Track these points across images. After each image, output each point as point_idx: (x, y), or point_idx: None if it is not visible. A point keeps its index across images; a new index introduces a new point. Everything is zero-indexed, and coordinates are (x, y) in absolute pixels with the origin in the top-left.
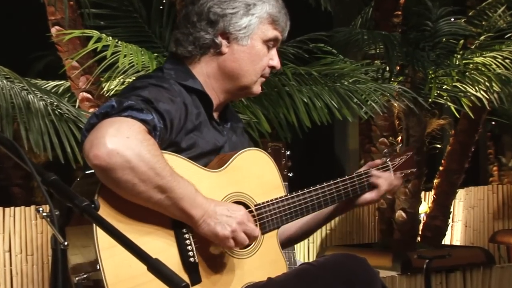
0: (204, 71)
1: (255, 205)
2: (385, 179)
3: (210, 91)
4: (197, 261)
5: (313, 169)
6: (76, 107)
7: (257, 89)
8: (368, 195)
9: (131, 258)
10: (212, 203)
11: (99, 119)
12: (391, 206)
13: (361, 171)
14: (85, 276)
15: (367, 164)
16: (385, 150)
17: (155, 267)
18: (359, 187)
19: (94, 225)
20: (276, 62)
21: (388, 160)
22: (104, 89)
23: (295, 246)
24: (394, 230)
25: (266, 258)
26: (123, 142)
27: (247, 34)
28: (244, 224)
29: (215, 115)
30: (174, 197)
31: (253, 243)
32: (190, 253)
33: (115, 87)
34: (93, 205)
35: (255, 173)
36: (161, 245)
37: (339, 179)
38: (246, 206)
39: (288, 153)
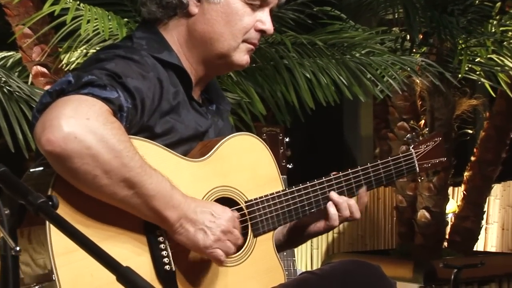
0: (175, 38)
1: (246, 202)
2: (342, 207)
3: (184, 63)
4: (174, 269)
5: (317, 159)
6: (29, 83)
7: (240, 58)
8: (320, 224)
9: (92, 265)
10: (192, 203)
11: (53, 97)
12: (412, 205)
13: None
14: None
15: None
16: (408, 135)
17: (126, 277)
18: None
19: (47, 226)
20: (267, 25)
21: (411, 147)
22: (63, 62)
23: (296, 252)
24: (416, 233)
25: (259, 266)
26: (82, 124)
27: None
28: (230, 233)
29: (195, 94)
30: (144, 194)
31: (243, 248)
32: (165, 260)
33: (76, 59)
34: (50, 202)
35: (247, 163)
36: (130, 251)
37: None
38: (235, 203)
39: (287, 140)
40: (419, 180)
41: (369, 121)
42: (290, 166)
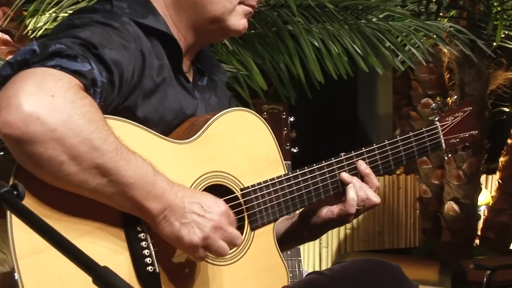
0: (160, 0)
1: (242, 189)
2: (356, 187)
3: (171, 29)
4: (157, 270)
5: (327, 142)
6: None
7: (236, 22)
8: (335, 208)
9: (62, 268)
10: (179, 192)
11: (14, 69)
12: (438, 196)
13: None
14: None
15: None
16: (433, 105)
17: (104, 279)
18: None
19: (9, 223)
20: None
21: (436, 119)
22: (29, 28)
23: (302, 252)
24: (442, 229)
25: (257, 264)
26: (45, 103)
27: None
28: (222, 230)
29: (184, 66)
30: (120, 181)
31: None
32: (148, 260)
33: (44, 25)
34: (15, 192)
35: (242, 144)
36: (105, 249)
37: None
38: (229, 191)
39: (292, 119)
40: (450, 157)
41: (388, 98)
42: (295, 150)
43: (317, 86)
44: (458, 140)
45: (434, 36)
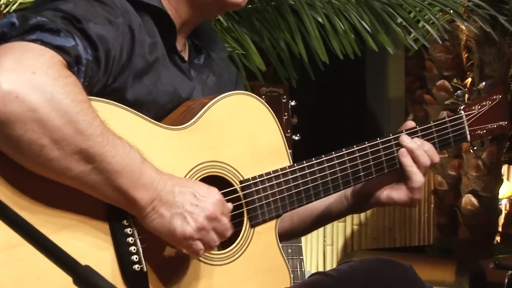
0: None
1: (241, 182)
2: (420, 155)
3: (165, 4)
4: (145, 269)
5: (332, 129)
6: None
7: None
8: (395, 192)
9: (40, 265)
10: (168, 181)
11: None
12: (454, 188)
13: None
14: None
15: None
16: (458, 92)
17: (85, 279)
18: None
19: None
20: None
21: (461, 108)
22: (2, 2)
23: (304, 250)
24: (459, 225)
25: (256, 265)
26: (26, 80)
27: None
28: (217, 220)
29: (179, 44)
30: (106, 169)
31: (237, 242)
32: (134, 258)
33: None
34: None
35: (243, 132)
36: (88, 246)
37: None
38: (228, 184)
39: (293, 103)
40: (470, 151)
41: (399, 80)
42: (296, 138)
43: (321, 66)
44: (485, 131)
45: (451, 11)
